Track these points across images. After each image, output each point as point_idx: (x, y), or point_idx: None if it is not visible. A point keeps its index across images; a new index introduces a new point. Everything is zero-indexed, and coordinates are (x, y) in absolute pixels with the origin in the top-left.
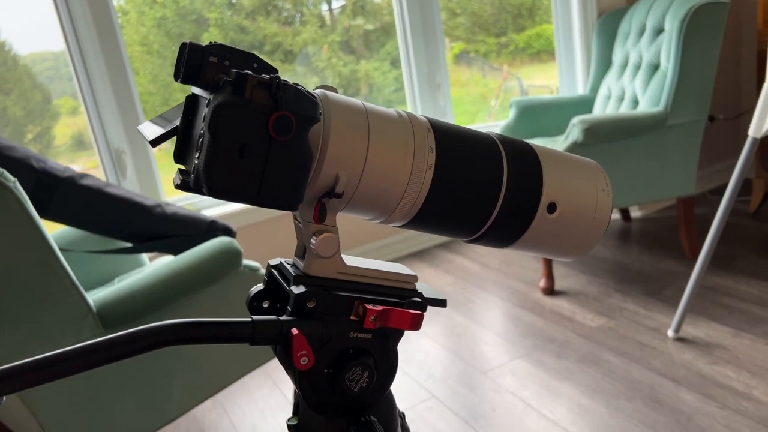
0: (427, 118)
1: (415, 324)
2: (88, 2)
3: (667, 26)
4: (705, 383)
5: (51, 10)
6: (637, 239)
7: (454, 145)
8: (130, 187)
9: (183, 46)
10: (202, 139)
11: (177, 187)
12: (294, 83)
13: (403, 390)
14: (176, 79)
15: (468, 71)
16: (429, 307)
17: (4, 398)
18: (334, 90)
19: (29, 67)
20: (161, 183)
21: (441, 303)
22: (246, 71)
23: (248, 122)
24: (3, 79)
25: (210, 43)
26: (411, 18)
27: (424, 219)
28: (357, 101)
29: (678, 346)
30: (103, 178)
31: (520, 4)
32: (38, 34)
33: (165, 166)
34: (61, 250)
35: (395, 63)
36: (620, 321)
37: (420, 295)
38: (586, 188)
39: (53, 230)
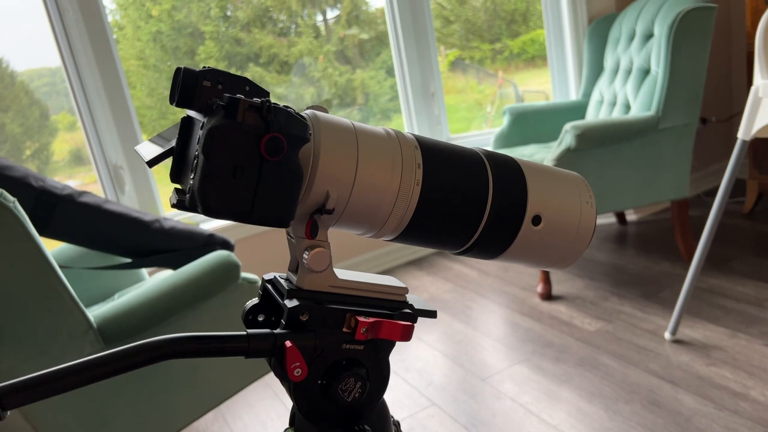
0: (414, 135)
1: (406, 335)
2: (83, 18)
3: (656, 31)
4: (703, 385)
5: (46, 26)
6: (632, 242)
7: (440, 161)
8: (128, 202)
9: (178, 71)
10: (197, 161)
11: (173, 206)
12: (284, 105)
13: (403, 398)
14: (171, 103)
15: (463, 78)
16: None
17: (8, 413)
18: (325, 110)
19: (26, 84)
20: (159, 198)
21: (431, 314)
22: (238, 95)
23: (240, 144)
24: (0, 96)
25: (203, 67)
26: (404, 28)
27: (413, 233)
28: (346, 120)
29: (675, 348)
30: (101, 193)
31: (514, 9)
32: (35, 51)
33: (162, 180)
34: (61, 267)
35: (391, 71)
36: (617, 324)
37: (410, 306)
38: (570, 200)
39: (53, 247)
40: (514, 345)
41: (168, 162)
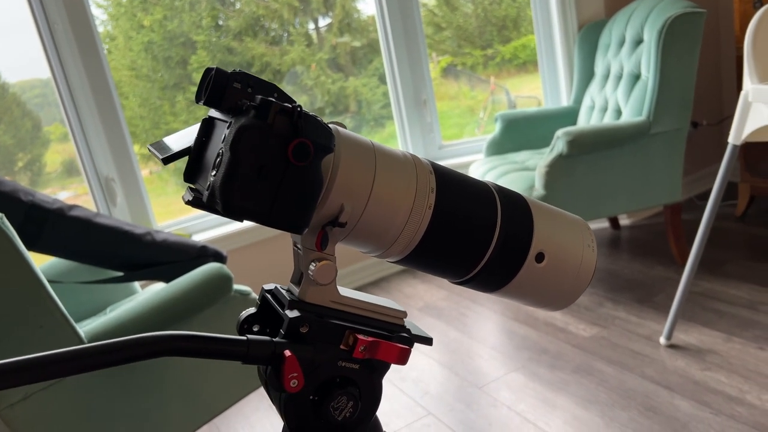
0: (429, 161)
1: (402, 358)
2: (73, 30)
3: (645, 37)
4: (698, 390)
5: (36, 38)
6: (626, 247)
7: (453, 189)
8: (120, 214)
9: (208, 70)
10: (221, 158)
11: (188, 203)
12: (313, 114)
13: (399, 408)
14: (197, 101)
15: (456, 84)
16: (423, 324)
17: None
18: (344, 126)
19: (18, 96)
20: (151, 209)
21: (427, 341)
22: (270, 98)
23: (268, 145)
24: None
25: (234, 70)
26: (394, 35)
27: (418, 257)
28: (365, 138)
29: (670, 353)
30: (93, 206)
31: (505, 16)
32: (26, 62)
33: (154, 191)
34: (52, 281)
35: (383, 79)
36: (612, 330)
37: (408, 331)
38: (572, 241)
39: (43, 262)
40: (509, 352)
41: (161, 172)
